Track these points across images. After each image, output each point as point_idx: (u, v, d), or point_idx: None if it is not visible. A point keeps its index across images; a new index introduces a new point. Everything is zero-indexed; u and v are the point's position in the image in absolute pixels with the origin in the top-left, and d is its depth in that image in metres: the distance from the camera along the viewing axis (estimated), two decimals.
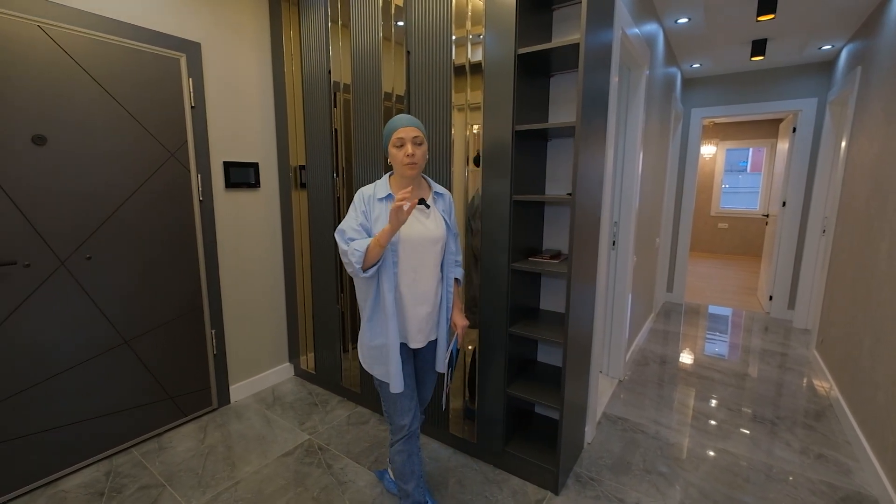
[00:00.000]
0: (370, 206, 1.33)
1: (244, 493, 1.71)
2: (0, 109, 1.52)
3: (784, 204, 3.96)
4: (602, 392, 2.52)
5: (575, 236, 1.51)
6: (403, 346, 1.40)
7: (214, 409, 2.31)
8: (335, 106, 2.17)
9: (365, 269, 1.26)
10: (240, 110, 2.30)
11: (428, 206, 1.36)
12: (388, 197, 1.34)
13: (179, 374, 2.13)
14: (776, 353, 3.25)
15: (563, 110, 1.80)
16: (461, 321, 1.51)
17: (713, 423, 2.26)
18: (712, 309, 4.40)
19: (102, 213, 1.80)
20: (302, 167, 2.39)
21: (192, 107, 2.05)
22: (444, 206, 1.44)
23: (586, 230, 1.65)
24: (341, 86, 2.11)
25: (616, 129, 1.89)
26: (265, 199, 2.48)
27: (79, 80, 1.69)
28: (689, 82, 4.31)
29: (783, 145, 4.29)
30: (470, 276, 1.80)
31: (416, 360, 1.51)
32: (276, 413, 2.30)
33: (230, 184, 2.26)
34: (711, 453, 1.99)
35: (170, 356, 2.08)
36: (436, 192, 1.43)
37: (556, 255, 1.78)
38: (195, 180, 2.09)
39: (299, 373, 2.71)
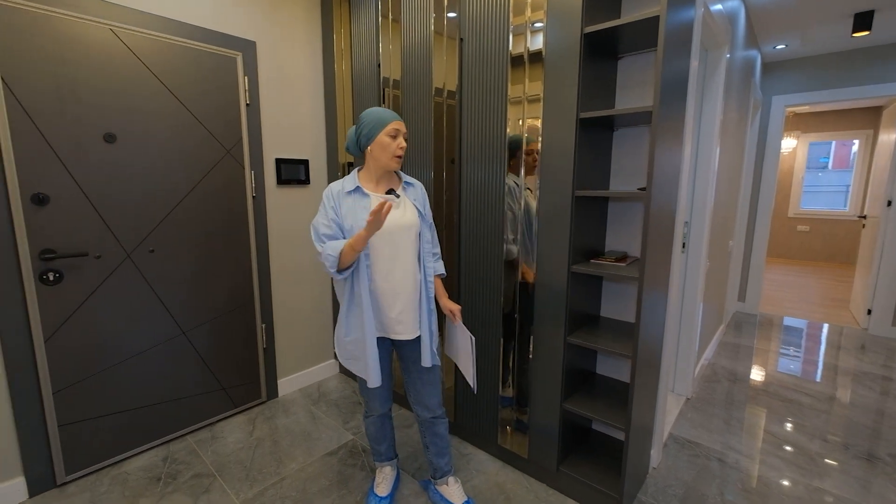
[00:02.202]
0: (339, 201, 1.33)
1: (289, 490, 1.70)
2: (77, 109, 1.61)
3: (889, 204, 3.42)
4: (668, 411, 2.27)
5: (648, 237, 1.33)
6: (383, 340, 1.40)
7: (263, 402, 2.35)
8: (384, 102, 2.11)
9: (340, 271, 1.28)
10: (291, 107, 2.31)
11: (398, 196, 1.38)
12: (357, 190, 1.33)
13: (231, 367, 2.18)
14: (878, 376, 2.80)
15: (632, 96, 1.61)
16: (454, 305, 1.51)
17: (803, 455, 1.96)
18: (791, 321, 3.91)
19: (165, 209, 1.86)
20: (350, 164, 2.36)
21: (247, 104, 2.08)
22: (416, 196, 1.45)
23: (659, 230, 1.46)
24: (391, 82, 2.05)
25: (693, 118, 1.67)
26: (315, 196, 2.48)
27: (145, 80, 1.76)
28: (769, 66, 3.85)
29: (888, 136, 3.71)
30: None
31: (408, 360, 1.49)
32: (321, 410, 2.30)
33: (281, 181, 2.28)
34: (805, 492, 1.71)
35: (223, 348, 2.13)
36: (406, 182, 1.45)
37: (622, 257, 1.60)
38: (248, 177, 2.13)
39: (344, 370, 2.71)
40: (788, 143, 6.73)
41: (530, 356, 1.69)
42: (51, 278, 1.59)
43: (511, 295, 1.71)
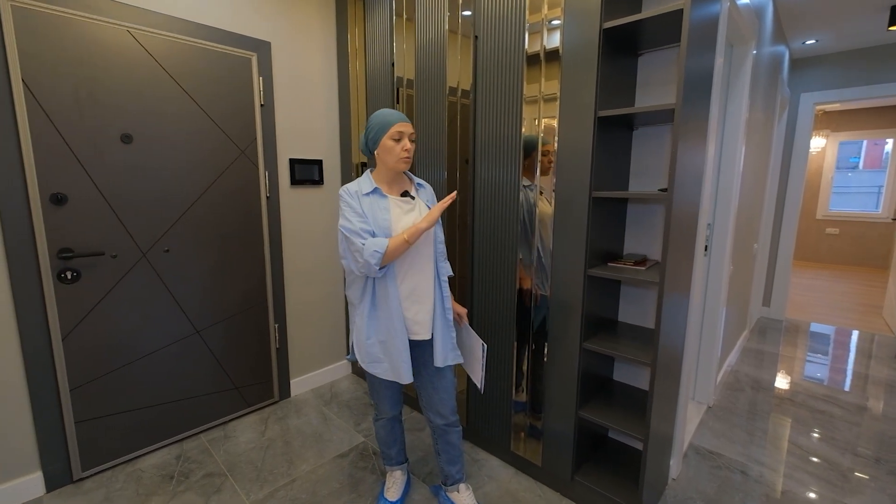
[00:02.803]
0: (358, 201, 1.32)
1: (299, 492, 1.69)
2: (95, 110, 1.63)
3: None
4: (688, 419, 2.19)
5: (669, 240, 1.27)
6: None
7: (275, 402, 2.36)
8: (398, 102, 2.09)
9: (380, 268, 1.27)
10: (305, 108, 2.31)
11: (413, 198, 1.39)
12: (375, 191, 1.33)
13: (244, 366, 2.19)
14: None
15: (653, 94, 1.55)
16: (461, 308, 1.53)
17: (831, 469, 1.86)
18: (819, 328, 3.75)
19: (180, 209, 1.88)
20: (364, 164, 2.35)
21: (261, 105, 2.08)
22: (427, 197, 1.46)
23: (681, 233, 1.39)
24: (404, 81, 2.03)
25: (717, 116, 1.60)
26: (328, 196, 2.48)
27: (161, 81, 1.78)
28: (798, 62, 3.70)
29: None
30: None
31: (419, 362, 1.47)
32: (332, 411, 2.29)
33: (295, 181, 2.28)
34: None
35: (236, 348, 2.14)
36: (417, 184, 1.46)
37: (641, 260, 1.54)
38: (262, 177, 2.13)
39: (356, 371, 2.70)
40: (817, 143, 6.46)
41: (545, 361, 1.65)
42: (68, 277, 1.62)
43: (525, 298, 1.67)
